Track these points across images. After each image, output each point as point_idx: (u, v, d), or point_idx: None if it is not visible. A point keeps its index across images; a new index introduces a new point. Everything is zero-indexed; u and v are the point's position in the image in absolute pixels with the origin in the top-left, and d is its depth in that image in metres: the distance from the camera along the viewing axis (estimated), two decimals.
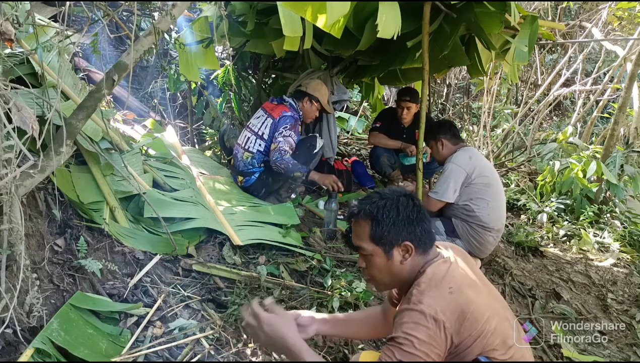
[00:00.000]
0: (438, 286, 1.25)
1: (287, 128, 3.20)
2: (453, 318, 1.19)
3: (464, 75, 7.84)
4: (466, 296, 1.23)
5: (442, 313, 1.19)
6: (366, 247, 1.38)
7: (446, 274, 1.28)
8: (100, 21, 2.20)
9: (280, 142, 3.15)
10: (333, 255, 2.77)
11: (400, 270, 1.36)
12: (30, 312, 1.60)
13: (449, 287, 1.24)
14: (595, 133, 5.83)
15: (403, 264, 1.36)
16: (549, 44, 5.46)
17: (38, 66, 2.19)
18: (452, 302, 1.21)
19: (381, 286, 1.45)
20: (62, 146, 1.84)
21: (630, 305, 2.99)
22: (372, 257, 1.38)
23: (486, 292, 1.33)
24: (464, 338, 1.20)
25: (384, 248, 1.36)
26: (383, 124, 4.18)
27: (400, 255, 1.36)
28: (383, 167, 4.15)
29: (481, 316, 1.22)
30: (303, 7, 2.05)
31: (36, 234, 1.94)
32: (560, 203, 4.18)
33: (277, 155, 3.11)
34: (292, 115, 3.25)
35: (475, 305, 1.23)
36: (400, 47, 3.03)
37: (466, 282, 1.29)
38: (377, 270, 1.39)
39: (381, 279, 1.41)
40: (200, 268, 2.31)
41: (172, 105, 5.32)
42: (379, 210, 1.37)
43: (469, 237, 2.92)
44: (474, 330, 1.20)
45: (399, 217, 1.35)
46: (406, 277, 1.37)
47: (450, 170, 2.89)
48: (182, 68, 3.17)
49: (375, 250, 1.37)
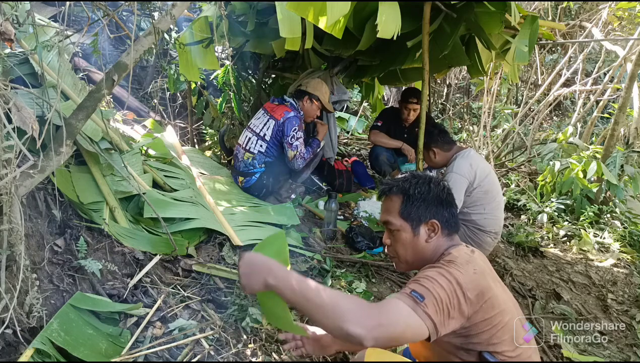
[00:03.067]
0: (465, 265, 1.26)
1: (297, 130, 3.23)
2: (474, 293, 1.19)
3: (464, 75, 7.84)
4: (487, 282, 1.25)
5: (466, 285, 1.19)
6: (394, 222, 1.41)
7: (470, 258, 1.30)
8: (100, 21, 2.20)
9: (298, 146, 3.22)
10: (333, 255, 2.77)
11: (424, 248, 1.39)
12: (30, 313, 1.59)
13: (474, 268, 1.25)
14: (596, 133, 5.82)
15: (428, 242, 1.39)
16: (549, 44, 5.46)
17: (38, 66, 2.19)
18: (475, 280, 1.22)
19: (403, 264, 1.47)
20: (62, 146, 1.83)
21: (630, 305, 2.99)
22: (398, 232, 1.41)
23: (502, 290, 1.34)
24: (477, 319, 1.20)
25: (411, 224, 1.39)
26: (384, 123, 4.17)
27: (426, 233, 1.39)
28: (382, 166, 4.14)
29: (497, 305, 1.23)
30: (304, 8, 2.05)
31: (36, 234, 1.93)
32: (560, 203, 4.18)
33: (301, 161, 3.25)
34: (295, 115, 3.26)
35: (494, 293, 1.24)
36: (400, 47, 3.03)
37: (487, 272, 1.30)
38: (402, 246, 1.42)
39: (404, 256, 1.43)
40: (200, 269, 2.31)
41: (172, 105, 5.32)
42: (411, 186, 1.42)
43: (467, 238, 2.91)
44: (488, 315, 1.21)
45: (430, 195, 1.40)
46: (429, 256, 1.39)
47: (454, 181, 2.81)
48: (182, 68, 3.17)
49: (403, 225, 1.40)
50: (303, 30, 2.51)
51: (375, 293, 2.55)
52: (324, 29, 2.08)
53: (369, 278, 2.67)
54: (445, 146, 2.97)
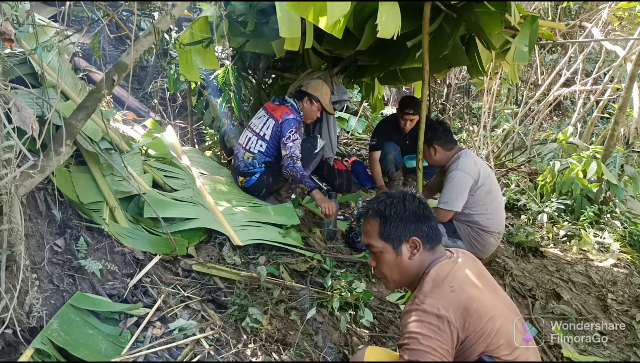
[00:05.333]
0: (440, 286, 1.27)
1: (294, 131, 3.20)
2: (457, 314, 1.20)
3: (464, 75, 7.83)
4: (468, 294, 1.25)
5: (445, 310, 1.20)
6: (376, 245, 1.43)
7: (449, 274, 1.31)
8: (100, 21, 2.20)
9: (292, 148, 3.17)
10: (333, 255, 2.77)
11: (409, 266, 1.40)
12: (30, 313, 1.59)
13: (450, 286, 1.26)
14: (596, 133, 5.82)
15: (412, 260, 1.40)
16: (549, 44, 5.46)
17: (38, 66, 2.19)
18: (454, 299, 1.23)
19: (391, 284, 1.49)
20: (62, 146, 1.83)
21: (630, 305, 2.99)
22: (381, 254, 1.42)
23: (491, 294, 1.34)
24: (469, 335, 1.21)
25: (392, 244, 1.41)
26: (379, 141, 4.04)
27: (408, 251, 1.40)
28: (388, 164, 4.09)
29: (485, 314, 1.23)
30: (304, 8, 2.05)
31: (36, 234, 1.93)
32: (560, 203, 4.18)
33: (290, 162, 3.15)
34: (294, 118, 3.25)
35: (479, 302, 1.24)
36: (400, 47, 3.03)
37: (469, 282, 1.30)
38: (387, 267, 1.43)
39: (391, 276, 1.45)
40: (200, 269, 2.30)
41: (172, 105, 5.32)
42: (387, 208, 1.43)
43: (470, 239, 2.91)
44: (478, 326, 1.21)
45: (406, 213, 1.41)
46: (415, 273, 1.40)
47: (459, 178, 2.79)
48: (182, 68, 3.17)
49: (384, 247, 1.41)
50: (303, 30, 2.51)
51: (375, 293, 2.55)
52: (324, 29, 2.07)
53: (369, 278, 2.67)
54: (447, 145, 2.94)
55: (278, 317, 2.14)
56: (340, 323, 2.18)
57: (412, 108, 3.81)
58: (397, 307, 2.49)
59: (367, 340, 2.19)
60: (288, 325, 2.12)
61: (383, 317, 2.40)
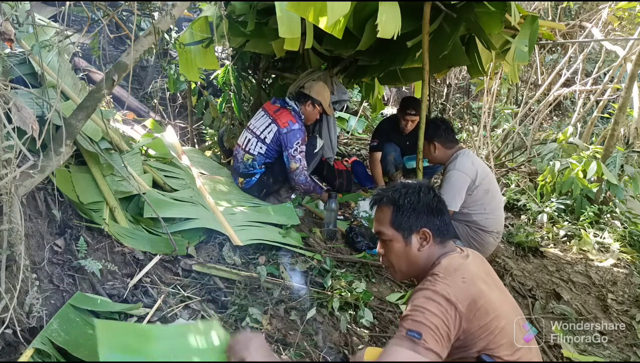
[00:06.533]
0: (452, 274, 1.27)
1: (300, 143, 3.23)
2: (465, 304, 1.20)
3: (464, 75, 7.82)
4: (478, 288, 1.25)
5: (455, 297, 1.20)
6: (386, 232, 1.43)
7: (460, 265, 1.31)
8: (100, 21, 2.20)
9: (300, 160, 3.22)
10: (333, 255, 2.77)
11: (417, 257, 1.41)
12: (30, 313, 1.59)
13: (462, 277, 1.26)
14: (596, 133, 5.82)
15: (420, 251, 1.40)
16: (549, 44, 5.46)
17: (38, 66, 2.19)
18: (465, 289, 1.23)
19: (398, 274, 1.49)
20: (62, 146, 1.83)
21: (630, 305, 2.99)
22: (391, 242, 1.43)
23: (498, 293, 1.34)
24: (473, 328, 1.21)
25: (403, 234, 1.41)
26: (380, 142, 4.06)
27: (418, 242, 1.41)
28: (388, 164, 4.10)
29: (492, 310, 1.23)
30: (304, 8, 2.05)
31: (36, 234, 1.93)
32: (560, 203, 4.18)
33: (302, 177, 3.24)
34: (299, 128, 3.26)
35: (487, 298, 1.24)
36: (400, 47, 3.03)
37: (479, 277, 1.31)
38: (395, 256, 1.44)
39: (398, 266, 1.45)
40: (200, 269, 2.31)
41: (172, 105, 5.32)
42: (401, 197, 1.43)
43: (469, 239, 2.91)
44: (483, 322, 1.21)
45: (420, 204, 1.42)
46: (422, 265, 1.40)
47: (457, 178, 2.79)
48: (182, 68, 3.17)
49: (394, 235, 1.42)
50: (303, 30, 2.50)
51: (375, 293, 2.55)
52: (324, 29, 2.08)
53: (369, 278, 2.67)
54: (447, 143, 2.95)
55: (278, 317, 2.14)
56: (340, 323, 2.18)
57: (414, 109, 3.80)
58: (397, 307, 2.49)
59: (367, 340, 2.19)
60: (288, 325, 2.12)
61: (383, 317, 2.40)
